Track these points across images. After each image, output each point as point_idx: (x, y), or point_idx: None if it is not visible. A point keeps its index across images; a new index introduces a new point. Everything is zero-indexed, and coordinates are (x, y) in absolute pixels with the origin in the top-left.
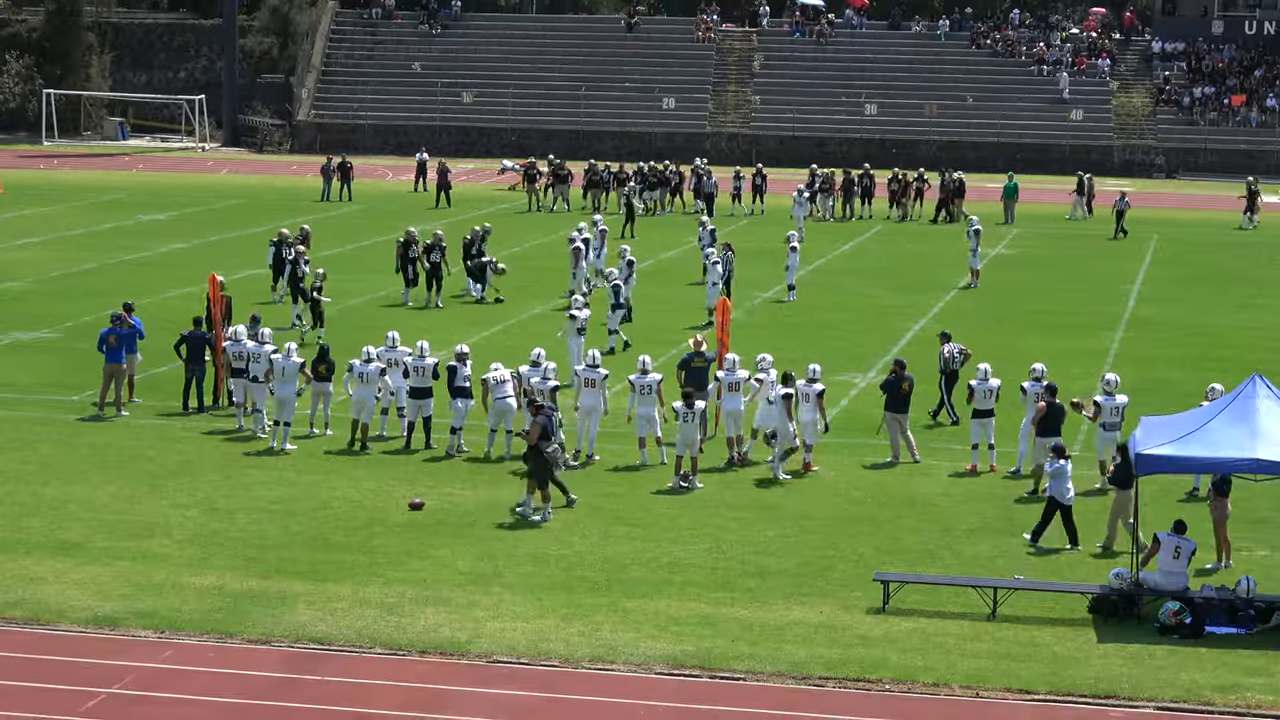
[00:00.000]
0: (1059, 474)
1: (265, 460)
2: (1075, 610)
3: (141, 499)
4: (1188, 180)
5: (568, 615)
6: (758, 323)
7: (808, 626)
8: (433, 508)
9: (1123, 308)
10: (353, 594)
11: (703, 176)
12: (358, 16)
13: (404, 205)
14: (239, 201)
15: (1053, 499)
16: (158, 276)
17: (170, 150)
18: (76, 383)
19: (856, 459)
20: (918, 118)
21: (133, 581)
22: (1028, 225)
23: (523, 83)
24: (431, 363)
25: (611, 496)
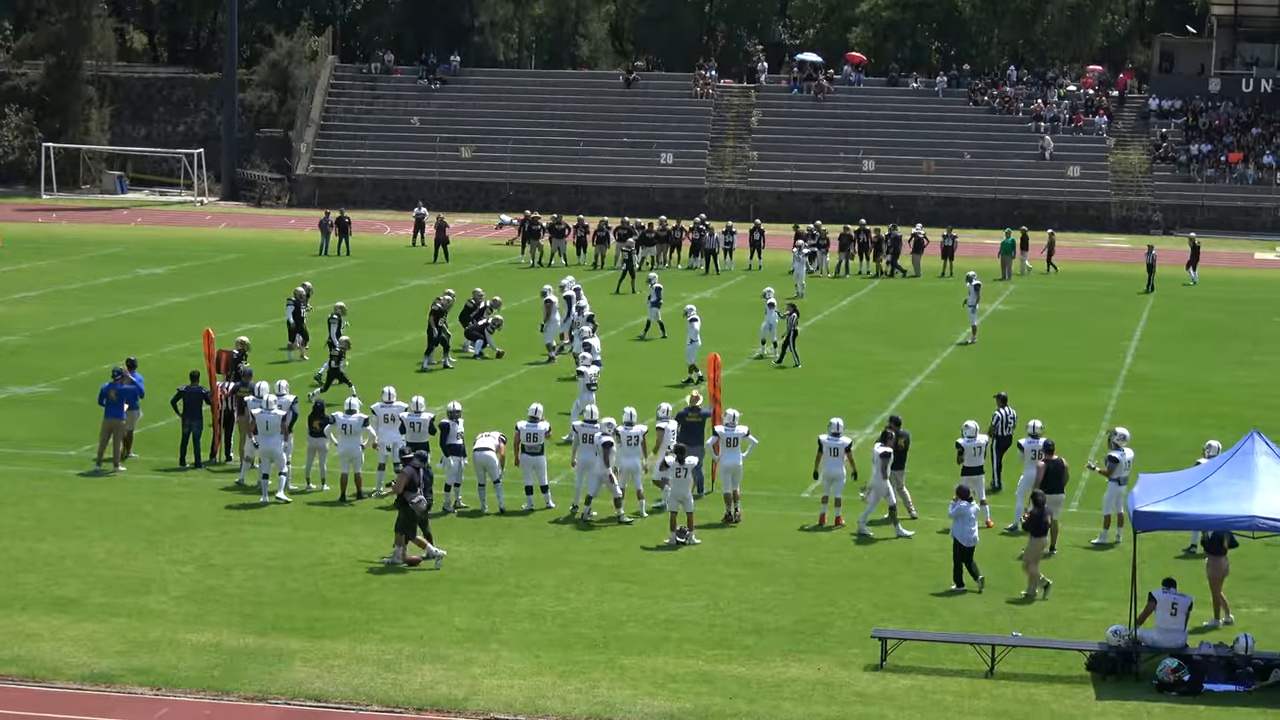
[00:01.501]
0: (960, 515)
1: (262, 516)
2: (1073, 667)
3: (138, 555)
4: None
5: (565, 672)
6: (754, 378)
7: (805, 684)
8: (428, 564)
9: (1120, 364)
10: (349, 650)
11: (704, 233)
12: (357, 71)
13: (402, 260)
14: (237, 256)
15: (955, 540)
16: (155, 331)
17: (169, 204)
18: (73, 437)
19: (853, 516)
20: (915, 174)
21: (129, 638)
22: (1025, 281)
23: (521, 138)
24: (428, 418)
25: (608, 553)
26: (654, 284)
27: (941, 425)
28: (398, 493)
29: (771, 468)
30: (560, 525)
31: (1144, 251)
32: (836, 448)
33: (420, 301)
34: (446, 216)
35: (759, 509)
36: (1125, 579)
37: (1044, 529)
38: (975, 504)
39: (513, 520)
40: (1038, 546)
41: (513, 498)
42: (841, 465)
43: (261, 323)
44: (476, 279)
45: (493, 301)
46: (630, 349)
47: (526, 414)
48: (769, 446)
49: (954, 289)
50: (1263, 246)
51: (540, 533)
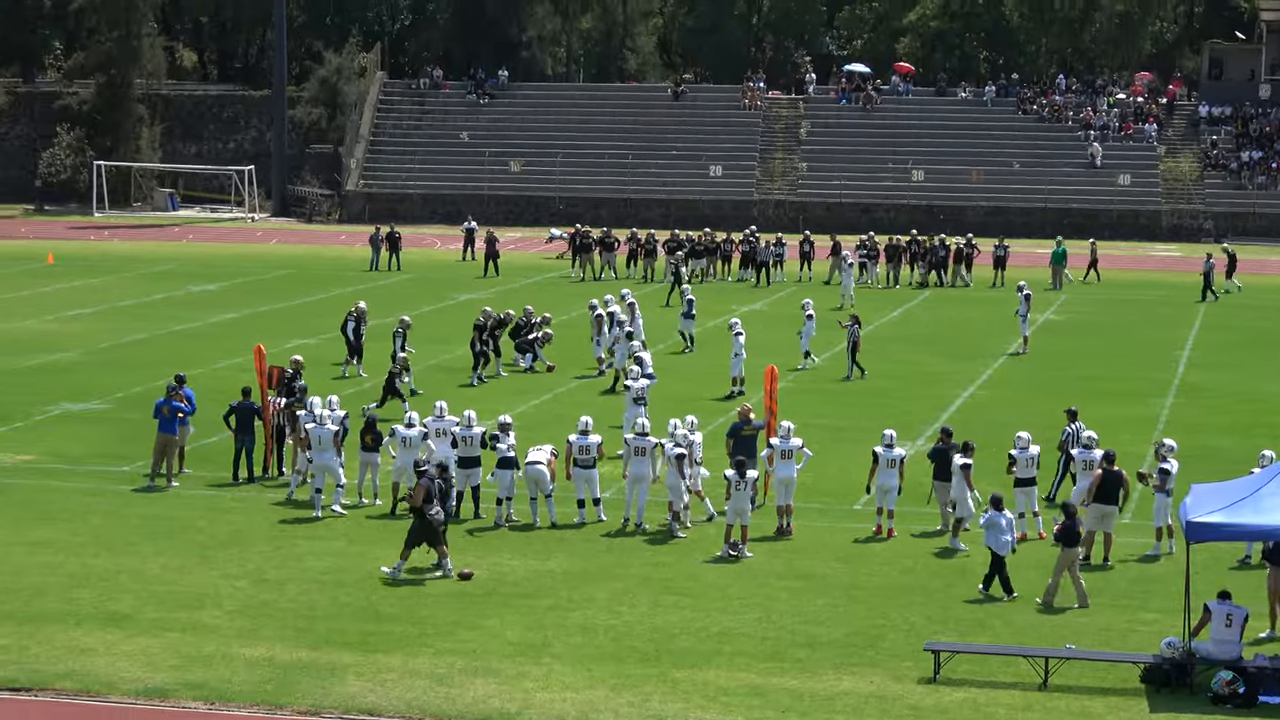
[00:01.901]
0: (992, 525)
1: (315, 530)
2: (1127, 680)
3: (191, 570)
4: (1236, 244)
5: (617, 686)
6: (804, 389)
7: (858, 697)
8: (481, 578)
9: (1173, 374)
10: (402, 665)
11: (755, 245)
12: (406, 87)
13: (452, 274)
14: (288, 272)
15: (990, 549)
16: (207, 347)
17: (220, 221)
18: (127, 454)
19: (906, 527)
20: (964, 184)
21: (183, 653)
22: (1076, 291)
23: (570, 151)
24: (479, 432)
25: (661, 566)
26: (686, 295)
27: (993, 436)
28: (415, 504)
29: (823, 480)
30: (612, 539)
31: (1200, 260)
32: (893, 459)
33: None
34: (496, 231)
35: (810, 521)
36: (1179, 591)
37: (1076, 539)
38: (1008, 513)
39: (564, 534)
40: (1069, 557)
41: (564, 511)
42: (895, 477)
43: (313, 338)
44: (526, 293)
45: (543, 317)
46: (677, 362)
47: (577, 427)
48: (820, 459)
49: (1005, 299)
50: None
51: (592, 546)
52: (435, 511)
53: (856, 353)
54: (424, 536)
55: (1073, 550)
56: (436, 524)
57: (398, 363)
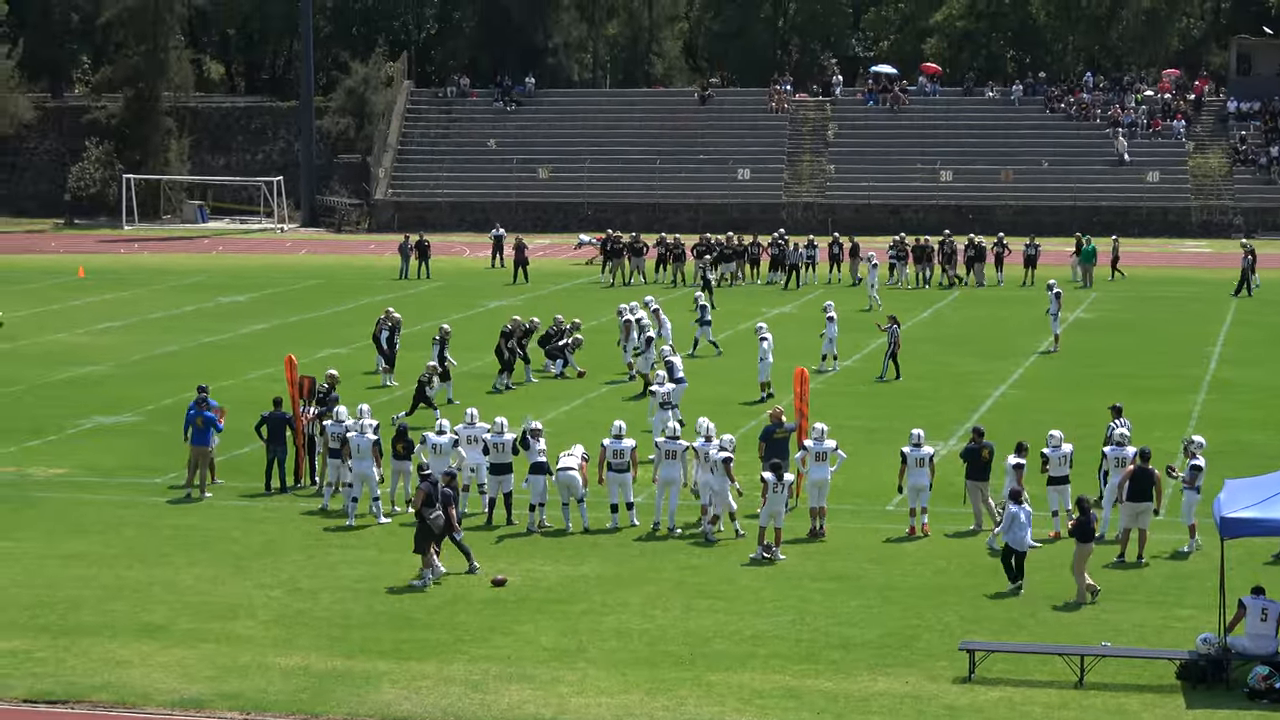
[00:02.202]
0: (1012, 520)
1: (348, 539)
2: (1163, 676)
3: (225, 580)
4: (1266, 240)
5: (652, 690)
6: (835, 391)
7: (893, 698)
8: (515, 584)
9: (1204, 370)
10: (437, 672)
11: (783, 247)
12: (433, 95)
13: (482, 282)
14: (318, 281)
15: (1007, 546)
16: (238, 358)
17: (249, 232)
18: (159, 465)
19: (939, 528)
20: (994, 183)
21: (218, 663)
22: (1106, 288)
23: (598, 157)
24: (510, 438)
25: (694, 569)
26: (699, 302)
27: (1025, 435)
28: (416, 508)
29: (855, 481)
30: (645, 543)
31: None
32: (921, 458)
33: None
34: (525, 237)
35: (843, 522)
36: (1213, 586)
37: (1090, 535)
38: (1027, 507)
39: (597, 539)
40: (1084, 553)
41: (596, 516)
42: (926, 475)
43: (343, 348)
44: (556, 299)
45: (573, 323)
46: (705, 367)
47: (611, 431)
48: (852, 460)
49: (1036, 298)
50: None
51: (625, 550)
52: (435, 516)
53: (897, 354)
54: (425, 539)
55: (1087, 546)
56: (436, 528)
57: (428, 370)
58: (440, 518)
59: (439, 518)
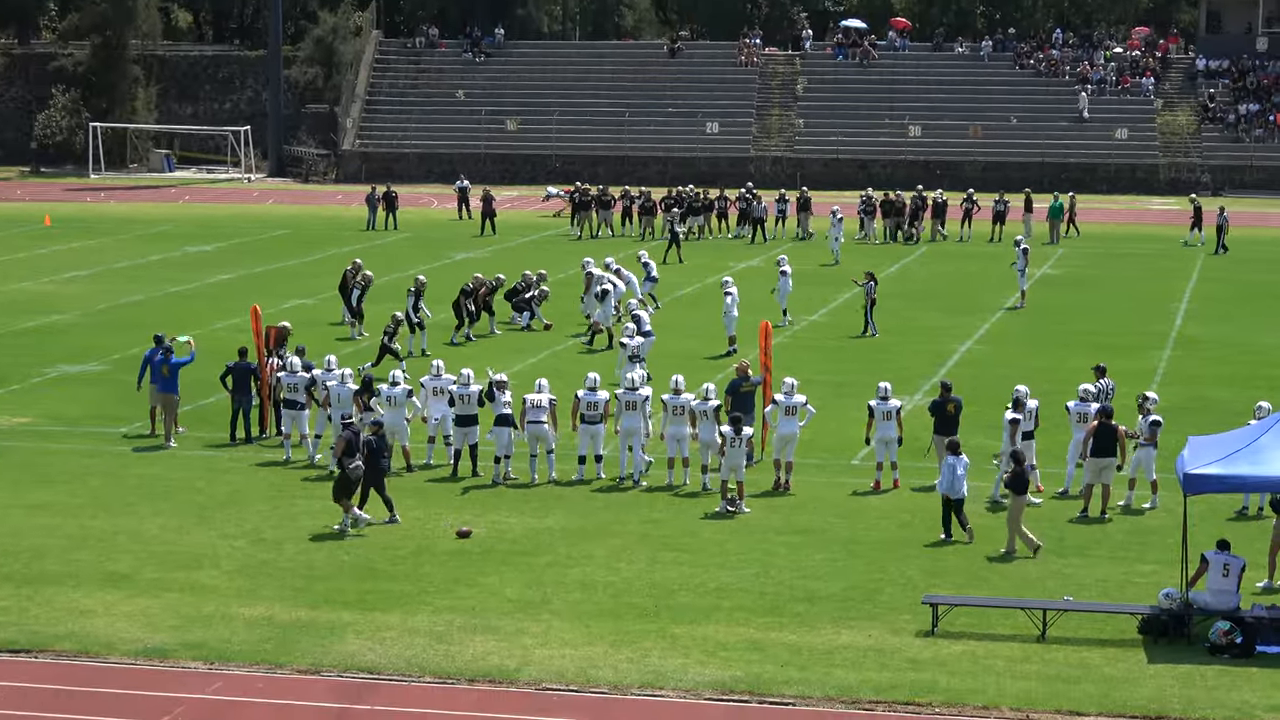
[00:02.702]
0: (950, 470)
1: (313, 490)
2: (1125, 631)
3: (190, 530)
4: (1233, 197)
5: (616, 642)
6: (802, 345)
7: (856, 650)
8: (480, 536)
9: (1170, 326)
10: (401, 623)
11: (751, 201)
12: (401, 46)
13: (449, 233)
14: (285, 232)
15: (945, 496)
16: (204, 308)
17: (216, 181)
18: (125, 415)
19: (905, 481)
20: (962, 139)
21: (182, 613)
22: (1073, 245)
23: (566, 109)
24: (476, 390)
25: (658, 523)
26: (643, 259)
27: (991, 390)
28: (337, 457)
29: (822, 435)
30: (610, 495)
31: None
32: (888, 411)
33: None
34: (493, 189)
35: (809, 476)
36: (1176, 542)
37: (1025, 486)
38: (965, 458)
39: (562, 491)
40: (1020, 505)
41: (562, 469)
42: (894, 428)
43: (310, 298)
44: (524, 251)
45: (539, 274)
46: (674, 319)
47: (585, 383)
48: (819, 415)
49: (1003, 254)
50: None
51: (590, 503)
52: (354, 466)
53: (873, 309)
54: (346, 488)
55: (1023, 498)
56: (355, 478)
57: (392, 321)
58: (359, 467)
59: (358, 467)
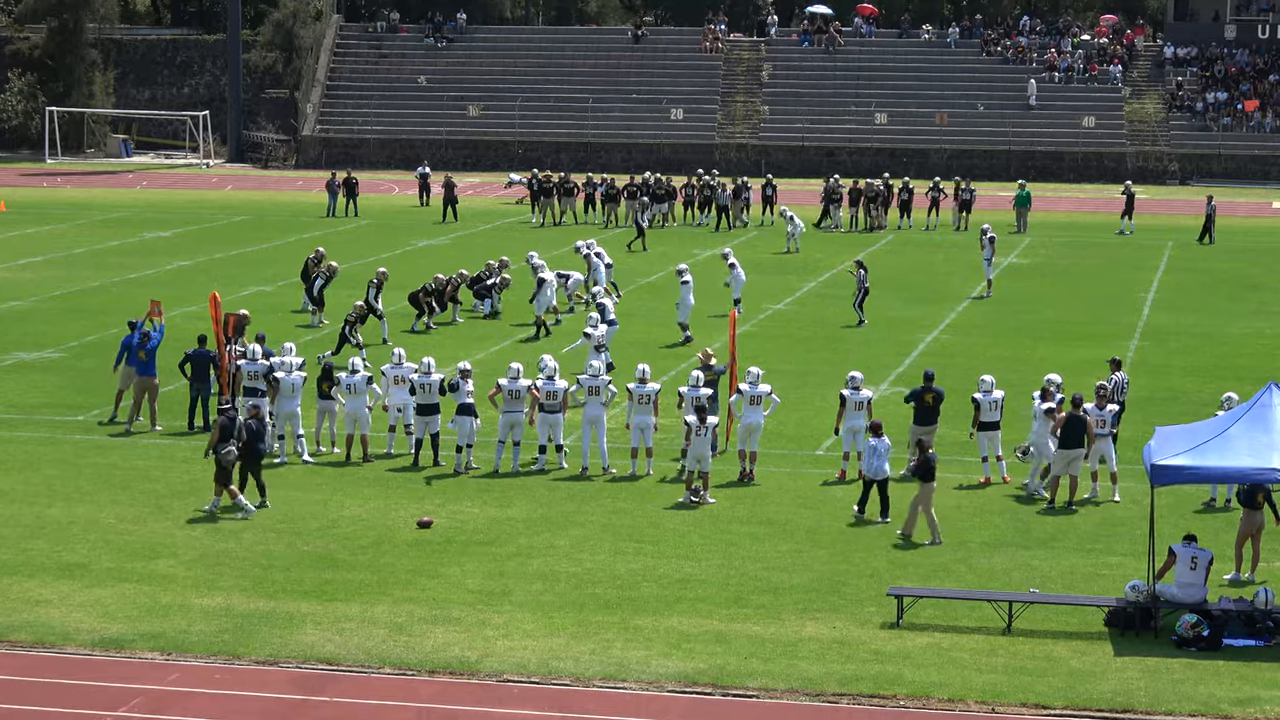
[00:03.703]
0: (873, 451)
1: (271, 479)
2: (1091, 623)
3: (147, 519)
4: (1201, 187)
5: (578, 633)
6: (767, 335)
7: (821, 642)
8: (441, 526)
9: (1137, 316)
10: (361, 613)
11: (715, 189)
12: (362, 30)
13: (411, 220)
14: (244, 218)
15: (866, 476)
16: (163, 295)
17: (174, 167)
18: (82, 403)
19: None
20: (929, 126)
21: (139, 603)
22: (1041, 234)
23: (529, 95)
24: (438, 378)
25: (621, 513)
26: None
27: (957, 380)
28: (213, 443)
29: (786, 425)
30: (572, 485)
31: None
32: (860, 401)
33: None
34: (455, 176)
35: (773, 467)
36: (1143, 534)
37: (931, 474)
38: (886, 439)
39: (525, 481)
40: (927, 492)
41: (524, 460)
42: (863, 418)
43: (269, 285)
44: (485, 239)
45: (500, 262)
46: (635, 307)
47: (542, 371)
48: (784, 404)
49: (969, 243)
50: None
51: (553, 493)
52: (226, 451)
53: (865, 298)
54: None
55: (929, 485)
56: (227, 463)
57: (355, 310)
58: (231, 452)
59: (230, 452)
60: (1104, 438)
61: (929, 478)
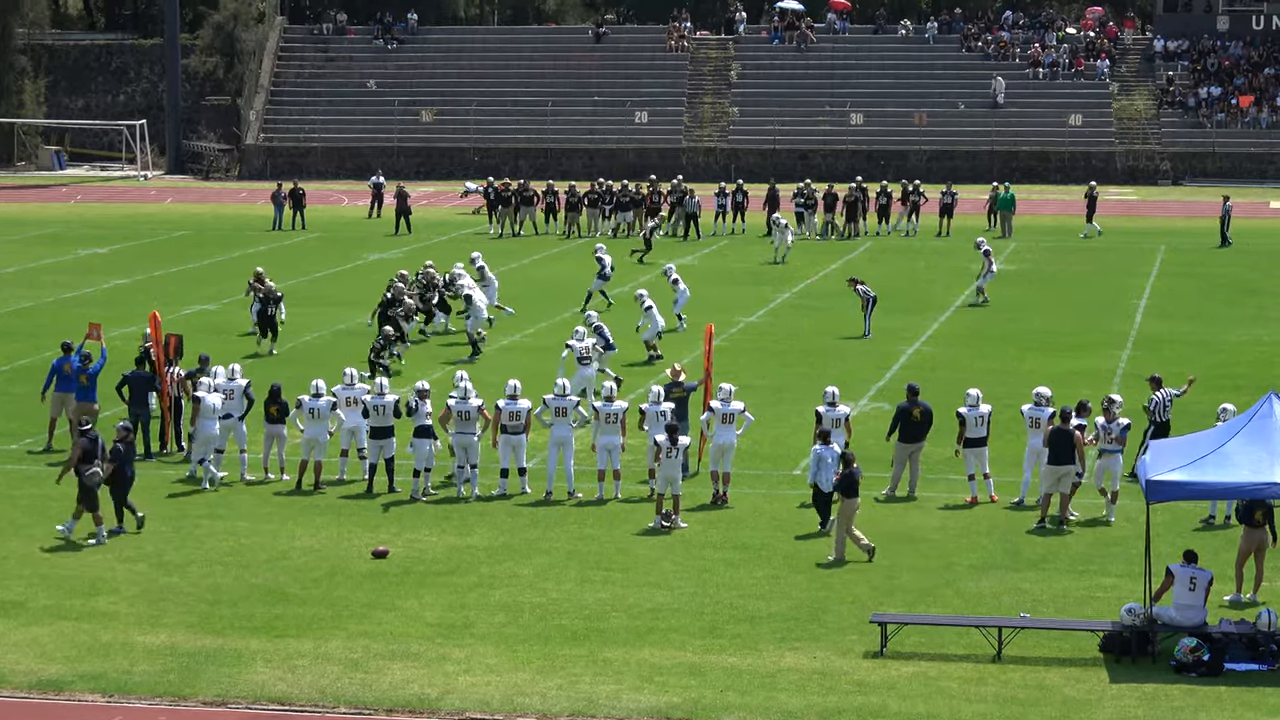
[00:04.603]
0: (818, 460)
1: (217, 509)
2: (1086, 649)
3: (85, 554)
4: (1195, 187)
5: (544, 667)
6: (740, 349)
7: (801, 673)
8: (398, 555)
9: (1130, 325)
10: (314, 650)
11: (684, 196)
12: (308, 33)
13: (362, 232)
14: (185, 233)
15: (816, 487)
16: (99, 315)
17: (110, 179)
18: (14, 430)
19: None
20: (907, 127)
21: (78, 642)
22: (1027, 239)
23: (485, 99)
24: (392, 400)
25: (588, 539)
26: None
27: (941, 395)
28: (72, 465)
29: (761, 444)
30: (536, 510)
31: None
32: (837, 418)
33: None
34: (407, 185)
35: (748, 488)
36: (1138, 554)
37: (855, 490)
38: (835, 447)
39: (486, 507)
40: (849, 509)
41: (484, 483)
42: (842, 436)
43: (212, 304)
44: (440, 251)
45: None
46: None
47: (505, 391)
48: (758, 421)
49: (951, 249)
50: (1278, 195)
51: (515, 520)
52: (90, 473)
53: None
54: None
55: (852, 501)
56: (92, 484)
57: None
58: (95, 474)
59: (94, 474)
60: (1113, 454)
61: (851, 493)
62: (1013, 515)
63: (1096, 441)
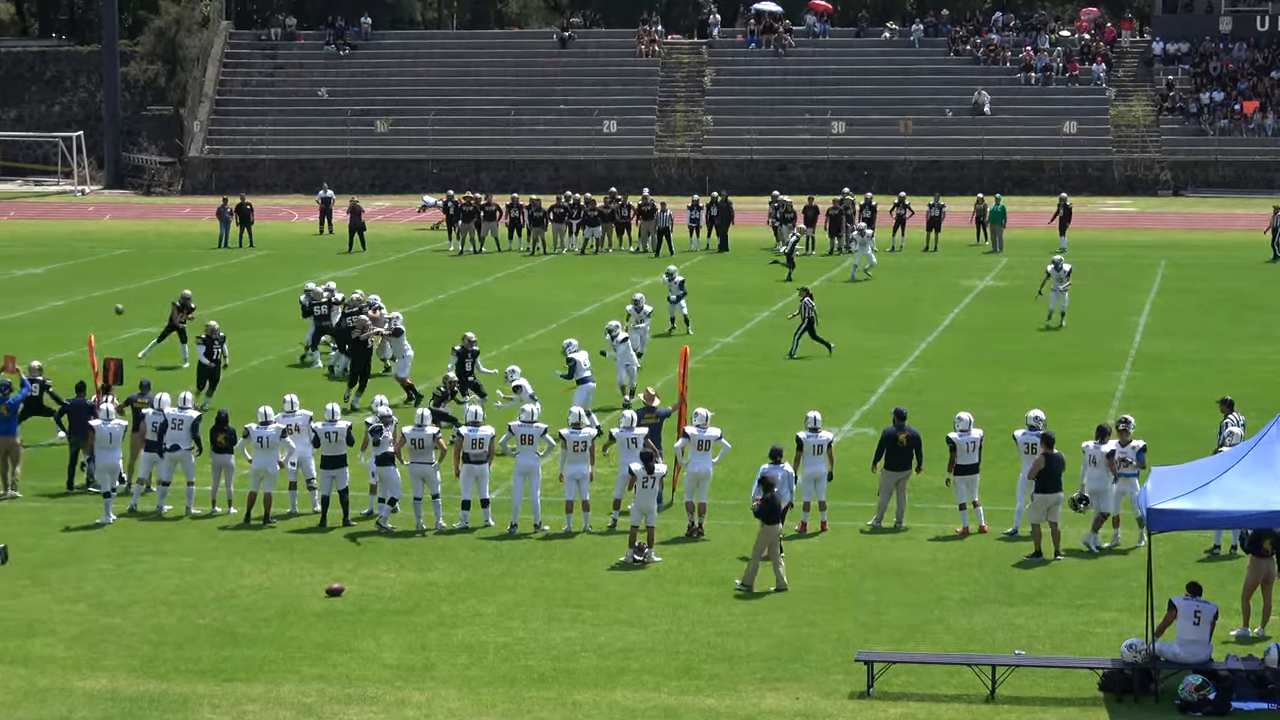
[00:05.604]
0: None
1: (161, 545)
2: (1084, 688)
3: (20, 593)
4: (1197, 197)
5: (509, 711)
6: (716, 371)
7: (783, 715)
8: (353, 593)
9: (1129, 344)
10: (265, 694)
11: (655, 209)
12: (255, 38)
13: (313, 249)
14: (125, 251)
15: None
16: (34, 339)
17: (45, 195)
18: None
19: (834, 524)
20: (892, 135)
21: (13, 687)
22: (1018, 253)
23: (444, 108)
24: (344, 427)
25: (556, 575)
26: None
27: (929, 419)
28: None
29: (739, 472)
30: (500, 544)
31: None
32: (819, 445)
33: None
34: (361, 200)
35: (725, 519)
36: (1139, 586)
37: (775, 517)
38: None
39: (446, 540)
40: (768, 535)
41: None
42: (823, 464)
43: (154, 326)
44: (396, 270)
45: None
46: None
47: (465, 418)
48: (735, 449)
49: (939, 264)
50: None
51: (478, 554)
52: None
53: (813, 328)
54: None
55: (772, 528)
56: None
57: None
58: None
59: None
60: (1129, 478)
61: (771, 520)
62: (1006, 546)
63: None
